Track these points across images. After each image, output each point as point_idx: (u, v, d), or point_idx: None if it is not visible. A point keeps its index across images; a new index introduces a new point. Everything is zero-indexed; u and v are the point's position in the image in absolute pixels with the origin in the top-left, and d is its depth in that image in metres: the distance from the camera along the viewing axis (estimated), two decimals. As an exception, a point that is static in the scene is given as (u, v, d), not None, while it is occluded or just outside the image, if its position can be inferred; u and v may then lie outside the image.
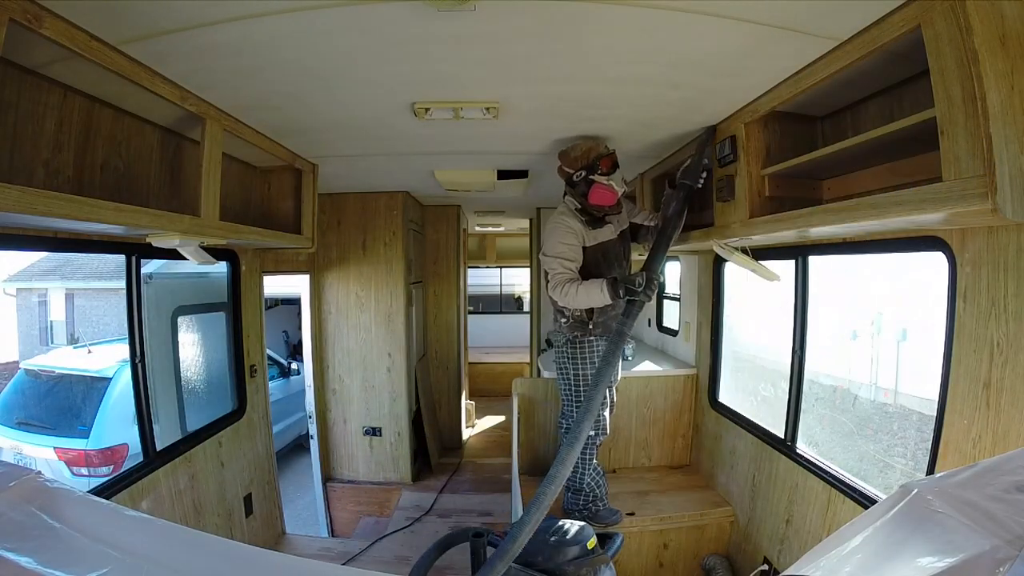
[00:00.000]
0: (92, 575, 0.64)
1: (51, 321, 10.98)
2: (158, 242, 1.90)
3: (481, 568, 1.29)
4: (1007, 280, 1.34)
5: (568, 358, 2.42)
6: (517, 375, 5.94)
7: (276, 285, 3.73)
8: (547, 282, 2.25)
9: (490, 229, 7.73)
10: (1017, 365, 1.31)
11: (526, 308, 8.60)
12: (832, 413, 2.74)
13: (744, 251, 2.24)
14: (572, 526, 1.43)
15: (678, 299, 3.76)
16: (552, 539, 1.39)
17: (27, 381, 3.99)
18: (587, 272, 2.25)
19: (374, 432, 4.29)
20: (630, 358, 3.67)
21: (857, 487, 1.93)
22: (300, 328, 4.45)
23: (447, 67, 1.71)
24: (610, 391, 2.52)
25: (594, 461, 2.50)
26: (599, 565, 1.37)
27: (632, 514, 2.72)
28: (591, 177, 2.20)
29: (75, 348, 4.79)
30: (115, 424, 3.58)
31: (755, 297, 2.97)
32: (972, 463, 0.80)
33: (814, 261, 2.30)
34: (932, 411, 1.59)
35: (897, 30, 1.28)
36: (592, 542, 1.41)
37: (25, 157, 1.57)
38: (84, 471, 3.48)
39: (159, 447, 2.31)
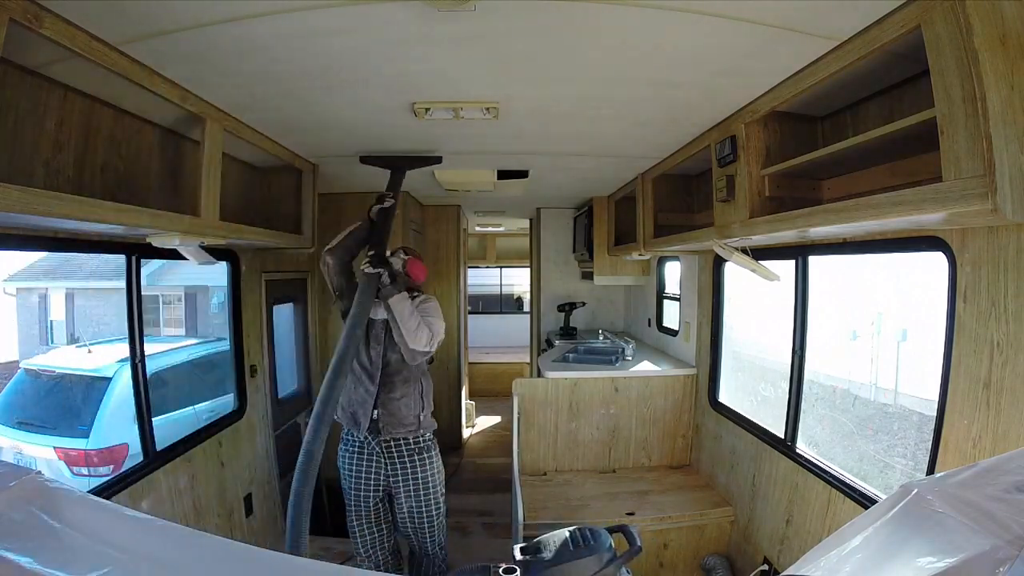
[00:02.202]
0: (92, 575, 0.64)
1: (51, 321, 10.97)
2: (158, 242, 1.92)
3: None
4: (1007, 280, 1.34)
5: None
6: (517, 375, 5.93)
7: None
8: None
9: (490, 229, 7.73)
10: (1017, 365, 1.31)
11: (526, 308, 8.59)
12: (832, 413, 2.74)
13: (744, 251, 2.24)
14: (589, 534, 1.46)
15: (678, 299, 3.76)
16: (573, 548, 1.41)
17: (27, 381, 3.98)
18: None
19: (374, 432, 4.27)
20: (630, 358, 3.67)
21: (857, 487, 1.93)
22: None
23: (447, 67, 1.71)
24: None
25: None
26: (619, 567, 1.39)
27: (632, 514, 2.72)
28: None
29: (78, 347, 4.78)
30: (115, 424, 3.57)
31: (755, 297, 2.97)
32: (972, 463, 0.80)
33: (814, 261, 2.30)
34: (932, 411, 1.59)
35: (897, 30, 1.28)
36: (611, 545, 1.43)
37: (25, 157, 1.56)
38: (84, 471, 3.48)
39: (163, 445, 2.32)
